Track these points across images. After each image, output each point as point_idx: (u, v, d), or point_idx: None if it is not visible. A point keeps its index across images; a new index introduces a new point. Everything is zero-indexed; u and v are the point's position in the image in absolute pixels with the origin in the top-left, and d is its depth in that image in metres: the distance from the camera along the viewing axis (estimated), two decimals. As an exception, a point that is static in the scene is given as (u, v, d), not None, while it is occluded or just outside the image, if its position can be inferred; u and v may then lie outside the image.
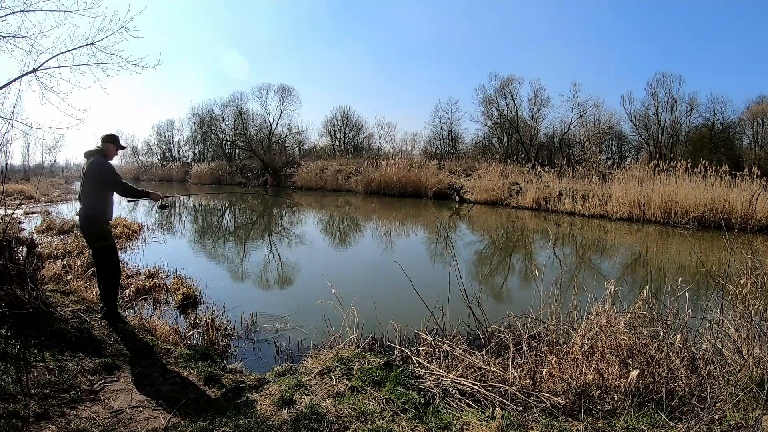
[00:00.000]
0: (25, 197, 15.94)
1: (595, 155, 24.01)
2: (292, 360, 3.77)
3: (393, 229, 13.43)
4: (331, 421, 2.48)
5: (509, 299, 6.31)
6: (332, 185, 25.09)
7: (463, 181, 20.83)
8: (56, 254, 6.40)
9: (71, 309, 3.89)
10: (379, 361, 3.18)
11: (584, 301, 3.45)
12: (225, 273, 7.42)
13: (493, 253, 9.99)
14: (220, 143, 37.55)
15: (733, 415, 2.38)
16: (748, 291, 3.23)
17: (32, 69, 6.30)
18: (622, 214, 13.88)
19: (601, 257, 9.70)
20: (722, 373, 2.76)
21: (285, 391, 2.86)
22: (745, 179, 12.63)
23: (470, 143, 34.73)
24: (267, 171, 29.24)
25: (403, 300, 4.83)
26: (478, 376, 2.93)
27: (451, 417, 2.55)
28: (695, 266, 7.51)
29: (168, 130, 42.02)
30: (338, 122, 36.64)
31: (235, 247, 10.24)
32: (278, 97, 34.54)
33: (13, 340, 3.05)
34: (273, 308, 5.21)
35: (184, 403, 2.68)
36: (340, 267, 8.56)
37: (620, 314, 3.25)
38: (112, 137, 4.15)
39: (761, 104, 26.72)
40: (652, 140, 28.48)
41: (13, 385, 2.54)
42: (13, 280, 3.51)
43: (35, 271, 4.33)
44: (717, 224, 11.41)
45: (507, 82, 28.99)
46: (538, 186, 17.35)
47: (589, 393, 2.68)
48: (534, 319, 3.53)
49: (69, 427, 2.29)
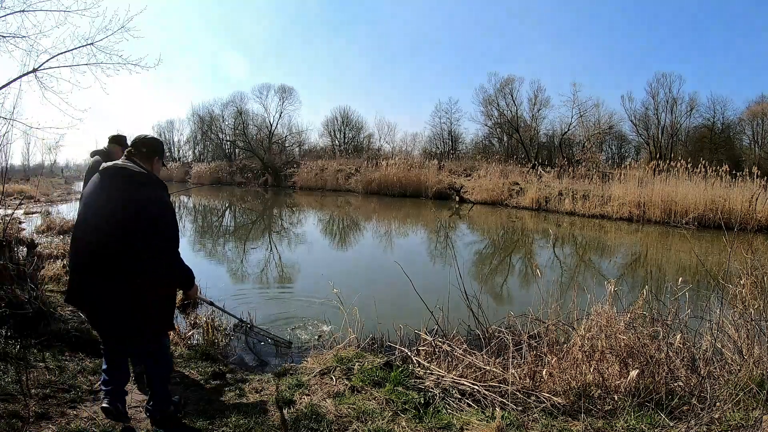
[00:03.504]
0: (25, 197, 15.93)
1: (595, 155, 24.01)
2: (292, 360, 3.77)
3: (393, 229, 13.43)
4: (331, 421, 2.48)
5: (509, 299, 6.30)
6: (332, 185, 25.08)
7: (463, 181, 20.83)
8: (56, 254, 6.39)
9: (71, 309, 3.88)
10: (379, 361, 3.18)
11: (584, 301, 3.45)
12: (225, 273, 7.42)
13: (493, 253, 9.99)
14: (220, 143, 37.55)
15: (733, 415, 2.38)
16: (748, 291, 3.24)
17: (32, 69, 6.30)
18: (622, 214, 13.88)
19: (601, 257, 9.71)
20: (722, 373, 2.76)
21: (285, 391, 2.87)
22: (745, 179, 12.63)
23: (470, 143, 34.79)
24: (267, 171, 29.23)
25: (403, 300, 4.83)
26: (478, 376, 2.93)
27: (451, 417, 2.56)
28: (695, 266, 7.51)
29: (168, 130, 42.01)
30: (338, 122, 36.68)
31: (235, 247, 10.24)
32: (278, 97, 34.62)
33: (13, 340, 3.06)
34: (273, 308, 5.21)
35: (184, 403, 2.68)
36: (340, 267, 8.55)
37: (620, 314, 3.26)
38: (117, 138, 4.15)
39: (761, 104, 26.71)
40: (652, 140, 28.49)
41: (13, 385, 2.54)
42: (13, 280, 3.52)
43: (35, 271, 4.33)
44: (717, 224, 11.41)
45: (507, 82, 29.06)
46: (538, 186, 17.35)
47: (589, 393, 2.68)
48: (534, 319, 3.53)
49: (69, 427, 2.29)
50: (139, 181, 2.24)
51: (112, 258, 2.13)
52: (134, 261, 2.14)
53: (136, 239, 2.14)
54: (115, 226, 2.14)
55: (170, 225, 2.24)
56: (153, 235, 2.17)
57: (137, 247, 2.14)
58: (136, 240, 2.14)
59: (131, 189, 2.21)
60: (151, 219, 2.17)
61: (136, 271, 2.14)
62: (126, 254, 2.13)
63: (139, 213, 2.15)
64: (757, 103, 26.97)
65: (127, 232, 2.14)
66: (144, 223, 2.15)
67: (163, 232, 2.22)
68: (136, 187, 2.22)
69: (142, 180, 2.25)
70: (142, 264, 2.15)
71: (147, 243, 2.15)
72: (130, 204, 2.17)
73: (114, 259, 2.13)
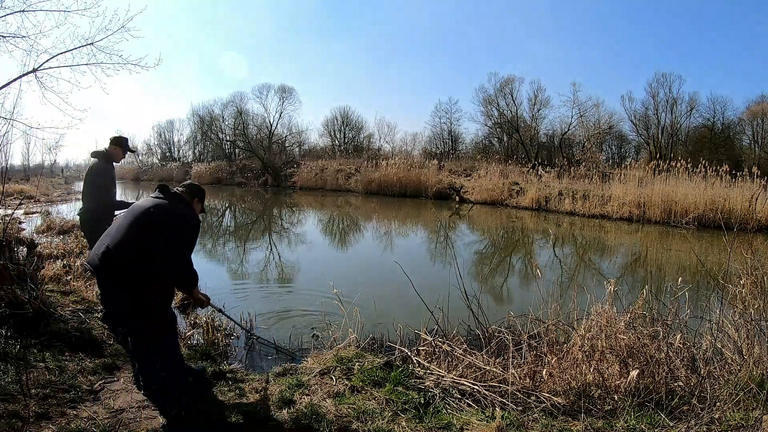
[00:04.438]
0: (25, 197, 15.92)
1: (595, 155, 24.01)
2: (292, 360, 3.77)
3: (393, 229, 13.42)
4: (331, 421, 2.48)
5: (509, 299, 6.30)
6: (332, 185, 25.07)
7: (463, 181, 20.83)
8: (56, 254, 6.39)
9: (71, 309, 3.88)
10: (379, 361, 3.18)
11: (584, 301, 3.45)
12: (225, 273, 7.42)
13: (493, 253, 9.99)
14: (220, 143, 37.53)
15: (733, 415, 2.38)
16: (747, 291, 3.24)
17: (32, 69, 6.31)
18: (622, 214, 13.88)
19: (601, 257, 9.70)
20: (722, 373, 2.76)
21: (285, 391, 2.86)
22: (745, 179, 12.63)
23: (470, 143, 34.80)
24: (267, 171, 29.23)
25: (403, 300, 4.83)
26: (478, 376, 2.94)
27: (451, 417, 2.56)
28: (695, 266, 7.50)
29: (168, 130, 42.02)
30: (338, 122, 36.67)
31: (235, 247, 10.24)
32: (278, 97, 34.64)
33: (13, 340, 3.05)
34: (273, 308, 5.21)
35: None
36: (340, 267, 8.55)
37: (620, 314, 3.26)
38: (118, 140, 4.16)
39: (761, 104, 26.73)
40: (652, 140, 28.49)
41: (13, 385, 2.54)
42: (13, 280, 3.52)
43: (35, 271, 4.33)
44: (717, 224, 11.41)
45: (507, 82, 29.06)
46: (538, 186, 17.35)
47: (589, 393, 2.68)
48: (534, 319, 3.53)
49: (69, 427, 2.29)
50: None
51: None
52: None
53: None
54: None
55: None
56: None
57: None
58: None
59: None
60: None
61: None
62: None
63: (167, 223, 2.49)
64: (757, 103, 27.01)
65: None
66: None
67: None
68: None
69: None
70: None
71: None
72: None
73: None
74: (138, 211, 2.49)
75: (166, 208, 2.50)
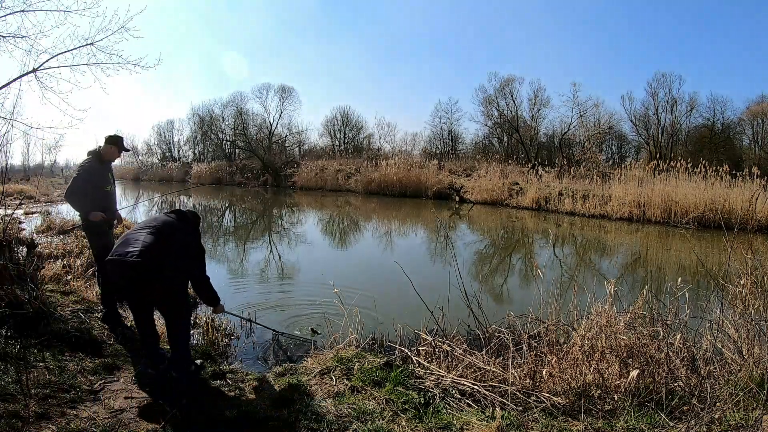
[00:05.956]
0: (25, 197, 15.92)
1: (595, 155, 24.02)
2: (292, 360, 3.77)
3: (393, 229, 13.42)
4: (331, 421, 2.48)
5: (509, 299, 6.30)
6: (332, 185, 25.07)
7: (463, 181, 20.82)
8: (56, 254, 6.38)
9: (71, 309, 3.88)
10: (379, 361, 3.18)
11: (584, 301, 3.45)
12: (225, 273, 7.42)
13: (493, 253, 9.99)
14: (220, 143, 37.52)
15: (733, 415, 2.38)
16: (747, 291, 3.23)
17: (32, 69, 6.31)
18: (622, 214, 13.88)
19: (601, 257, 9.70)
20: (722, 373, 2.77)
21: (285, 391, 2.87)
22: (745, 179, 12.62)
23: (470, 143, 34.75)
24: (267, 171, 29.23)
25: (403, 300, 4.83)
26: (478, 376, 2.94)
27: (451, 417, 2.56)
28: (695, 266, 7.51)
29: (168, 130, 41.96)
30: (338, 122, 36.66)
31: (235, 247, 10.24)
32: (278, 97, 34.62)
33: (13, 340, 3.05)
34: (273, 308, 5.21)
35: (184, 403, 2.68)
36: (340, 267, 8.55)
37: (620, 314, 3.26)
38: (113, 139, 4.14)
39: (761, 104, 26.71)
40: (652, 140, 28.47)
41: (13, 385, 2.54)
42: (13, 280, 3.51)
43: (35, 271, 4.33)
44: (717, 224, 11.41)
45: (507, 82, 29.05)
46: (538, 186, 17.35)
47: (589, 393, 2.68)
48: (534, 319, 3.53)
49: (69, 427, 2.29)
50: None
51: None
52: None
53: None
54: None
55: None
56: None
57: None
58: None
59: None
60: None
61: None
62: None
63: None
64: (757, 103, 26.99)
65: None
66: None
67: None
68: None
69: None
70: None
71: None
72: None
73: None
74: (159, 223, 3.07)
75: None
